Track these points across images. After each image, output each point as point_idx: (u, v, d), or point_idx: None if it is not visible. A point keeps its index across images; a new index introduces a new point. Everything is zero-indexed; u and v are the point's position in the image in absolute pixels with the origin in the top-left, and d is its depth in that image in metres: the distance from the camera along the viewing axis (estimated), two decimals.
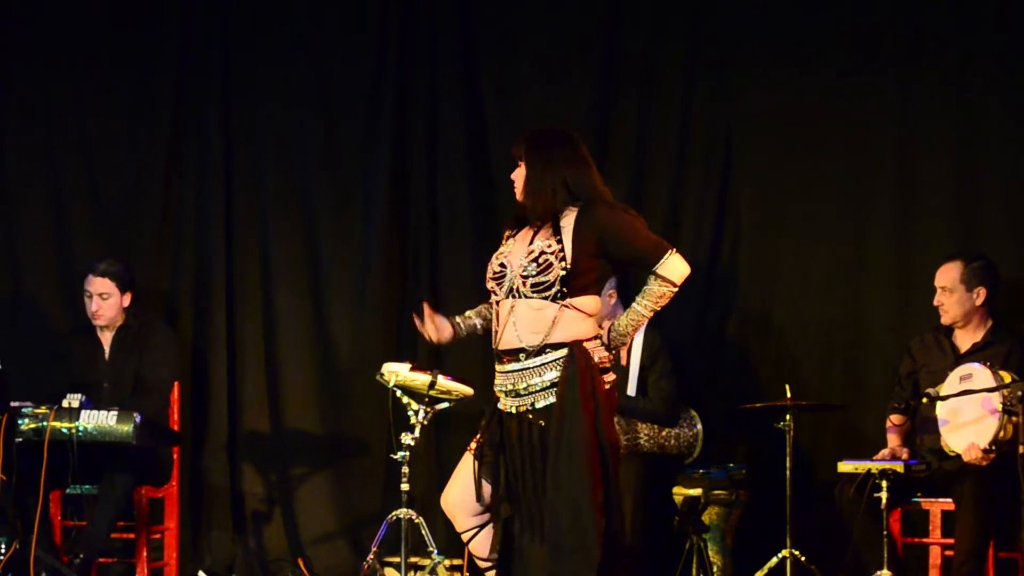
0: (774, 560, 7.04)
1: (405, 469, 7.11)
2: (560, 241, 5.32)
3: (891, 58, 7.75)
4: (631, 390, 7.37)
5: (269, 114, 8.46)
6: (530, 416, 5.32)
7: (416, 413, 7.13)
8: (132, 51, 8.48)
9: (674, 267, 5.35)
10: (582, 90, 8.16)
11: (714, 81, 8.01)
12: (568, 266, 5.29)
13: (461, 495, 5.44)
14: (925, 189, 7.68)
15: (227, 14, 8.49)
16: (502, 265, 5.42)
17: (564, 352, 5.28)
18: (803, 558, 7.02)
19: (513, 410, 5.36)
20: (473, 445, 5.44)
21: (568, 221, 5.35)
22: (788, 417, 7.07)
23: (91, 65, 8.49)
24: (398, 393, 7.17)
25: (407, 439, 7.09)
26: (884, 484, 6.71)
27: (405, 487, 7.11)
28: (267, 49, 8.46)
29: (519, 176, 5.46)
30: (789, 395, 7.08)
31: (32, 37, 8.47)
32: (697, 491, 7.31)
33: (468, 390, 7.19)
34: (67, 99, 8.49)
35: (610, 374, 5.37)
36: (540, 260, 5.31)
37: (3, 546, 6.93)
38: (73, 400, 7.02)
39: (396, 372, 7.13)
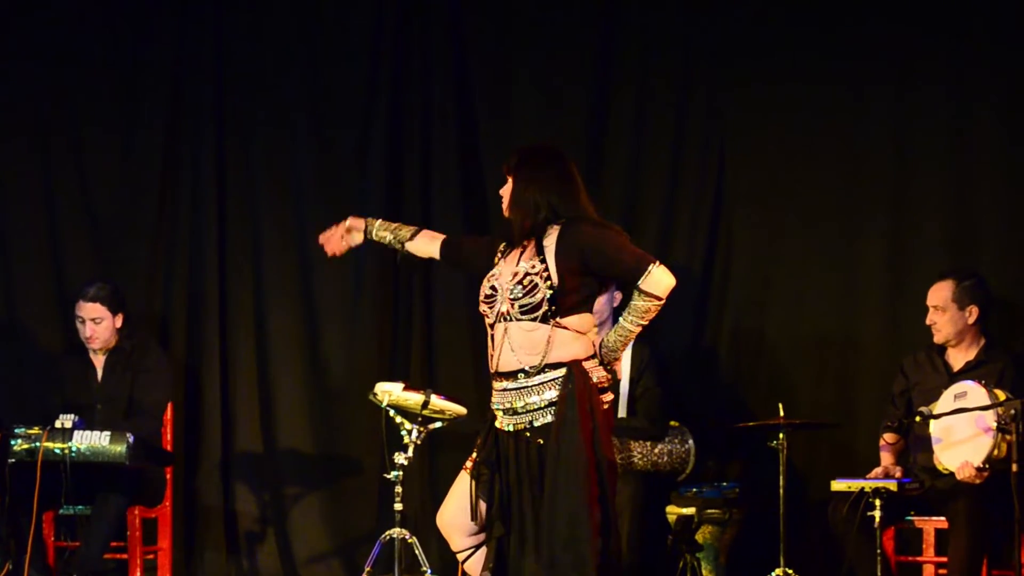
0: None
1: (398, 489, 7.09)
2: (544, 261, 5.30)
3: (887, 73, 7.74)
4: (622, 410, 7.35)
5: (264, 132, 8.46)
6: (528, 434, 5.31)
7: (409, 433, 7.12)
8: (128, 58, 8.50)
9: (658, 280, 5.28)
10: (576, 102, 8.17)
11: (708, 93, 8.00)
12: (554, 285, 5.27)
13: (456, 514, 5.42)
14: (919, 207, 7.67)
15: (224, 13, 8.50)
16: (493, 288, 5.39)
17: (563, 371, 5.27)
18: None
19: (511, 428, 5.35)
20: (469, 464, 5.43)
21: (551, 240, 5.32)
22: (781, 435, 7.06)
23: (87, 68, 8.49)
24: (391, 413, 7.15)
25: (400, 459, 7.08)
26: (877, 502, 6.70)
27: (398, 507, 7.09)
28: (261, 62, 8.48)
29: (507, 192, 5.45)
30: (782, 413, 7.07)
31: (29, 42, 8.48)
32: (690, 510, 7.31)
33: (461, 409, 7.18)
34: (62, 106, 8.49)
35: (608, 394, 5.36)
36: (525, 282, 5.29)
37: None
38: (66, 421, 7.02)
39: (389, 392, 7.12)
